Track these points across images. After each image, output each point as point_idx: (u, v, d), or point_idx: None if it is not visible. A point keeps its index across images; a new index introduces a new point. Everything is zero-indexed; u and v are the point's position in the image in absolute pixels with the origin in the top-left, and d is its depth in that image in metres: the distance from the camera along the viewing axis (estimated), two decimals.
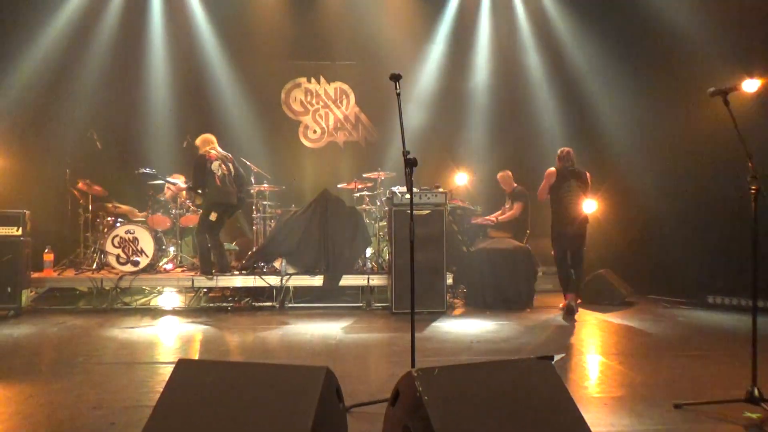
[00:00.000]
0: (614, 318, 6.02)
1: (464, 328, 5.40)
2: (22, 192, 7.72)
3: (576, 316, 6.04)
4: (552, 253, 6.37)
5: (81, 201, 7.39)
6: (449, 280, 6.36)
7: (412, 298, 3.41)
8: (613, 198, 7.64)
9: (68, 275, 6.73)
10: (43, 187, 7.90)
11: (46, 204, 7.52)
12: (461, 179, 8.16)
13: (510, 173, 7.62)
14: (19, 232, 5.99)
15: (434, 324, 5.56)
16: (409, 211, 5.97)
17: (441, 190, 6.24)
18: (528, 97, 9.32)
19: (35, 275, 6.48)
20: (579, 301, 6.48)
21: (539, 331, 5.35)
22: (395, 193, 6.10)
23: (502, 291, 6.52)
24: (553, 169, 6.29)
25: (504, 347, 4.65)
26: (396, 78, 3.36)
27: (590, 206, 6.43)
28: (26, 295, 6.14)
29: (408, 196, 5.98)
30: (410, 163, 3.15)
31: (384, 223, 7.36)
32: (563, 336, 5.15)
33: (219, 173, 6.50)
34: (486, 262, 6.59)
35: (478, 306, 6.51)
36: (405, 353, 4.36)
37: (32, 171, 8.02)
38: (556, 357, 4.24)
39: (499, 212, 7.56)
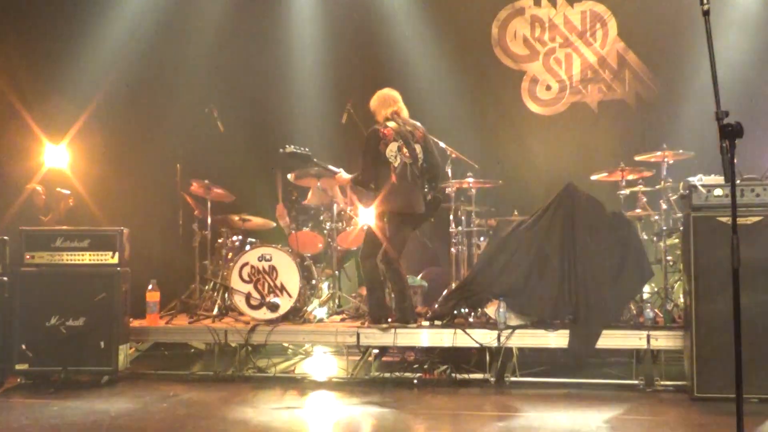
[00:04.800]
0: None
1: None
2: (115, 199, 8.77)
3: None
4: None
5: (196, 212, 8.16)
6: None
7: (738, 375, 3.20)
8: None
9: (179, 324, 7.43)
10: (144, 190, 8.89)
11: (147, 216, 8.44)
12: None
13: None
14: (115, 260, 6.73)
15: None
16: (725, 219, 5.72)
17: None
18: None
19: (135, 323, 7.24)
20: None
21: None
22: (696, 186, 5.81)
23: None
24: None
25: None
26: None
27: None
28: (124, 353, 6.87)
29: (721, 192, 5.67)
30: (731, 133, 2.97)
31: (676, 239, 7.06)
32: None
33: (397, 162, 6.72)
34: None
35: None
36: None
37: (129, 167, 9.08)
38: None
39: None
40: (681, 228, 6.60)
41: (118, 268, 6.73)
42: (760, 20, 8.76)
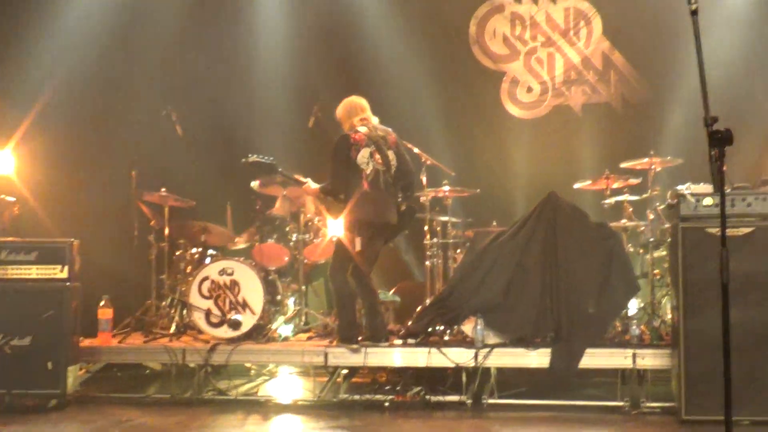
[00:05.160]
0: None
1: None
2: (65, 208, 8.68)
3: None
4: None
5: (152, 221, 8.10)
6: None
7: (728, 396, 3.21)
8: None
9: (134, 343, 7.38)
10: (96, 198, 8.81)
11: (100, 226, 8.36)
12: None
13: None
14: (65, 274, 6.65)
15: None
16: (714, 230, 5.75)
17: None
18: None
19: (86, 343, 7.17)
20: None
21: None
22: (684, 196, 5.85)
23: None
24: None
25: None
26: None
27: None
28: (74, 375, 6.80)
29: (711, 201, 5.70)
30: (720, 140, 2.99)
31: (663, 252, 7.10)
32: None
33: (369, 169, 6.73)
34: None
35: None
36: None
37: (80, 173, 9.02)
38: None
39: None
40: (669, 239, 6.63)
41: (68, 283, 6.66)
42: (750, 20, 8.86)
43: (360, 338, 6.79)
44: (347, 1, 9.69)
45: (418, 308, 7.42)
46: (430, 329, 6.95)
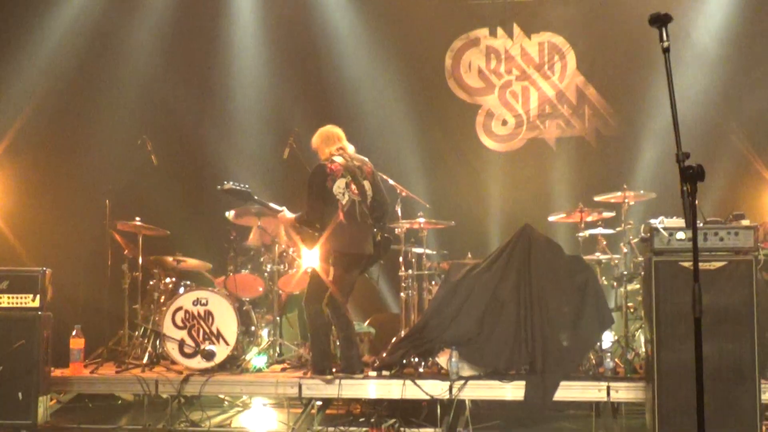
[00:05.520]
0: None
1: None
2: (37, 236, 8.63)
3: None
4: None
5: (126, 251, 8.08)
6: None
7: (701, 428, 3.24)
8: None
9: (106, 373, 7.31)
10: (69, 227, 8.77)
11: (72, 255, 8.32)
12: None
13: None
14: (36, 303, 6.62)
15: None
16: (687, 263, 5.80)
17: (746, 222, 5.93)
18: None
19: (57, 373, 7.11)
20: None
21: None
22: (658, 229, 5.91)
23: None
24: None
25: None
26: (661, 21, 3.29)
27: None
28: (44, 405, 6.73)
29: (684, 235, 5.77)
30: (692, 176, 3.05)
31: (637, 285, 7.15)
32: None
33: (345, 199, 6.74)
34: None
35: None
36: None
37: (53, 201, 8.98)
38: None
39: None
40: (642, 273, 6.65)
41: (39, 312, 6.62)
42: (720, 58, 8.98)
43: (335, 370, 6.79)
44: (324, 33, 9.74)
45: (393, 340, 7.42)
46: (404, 361, 6.94)
